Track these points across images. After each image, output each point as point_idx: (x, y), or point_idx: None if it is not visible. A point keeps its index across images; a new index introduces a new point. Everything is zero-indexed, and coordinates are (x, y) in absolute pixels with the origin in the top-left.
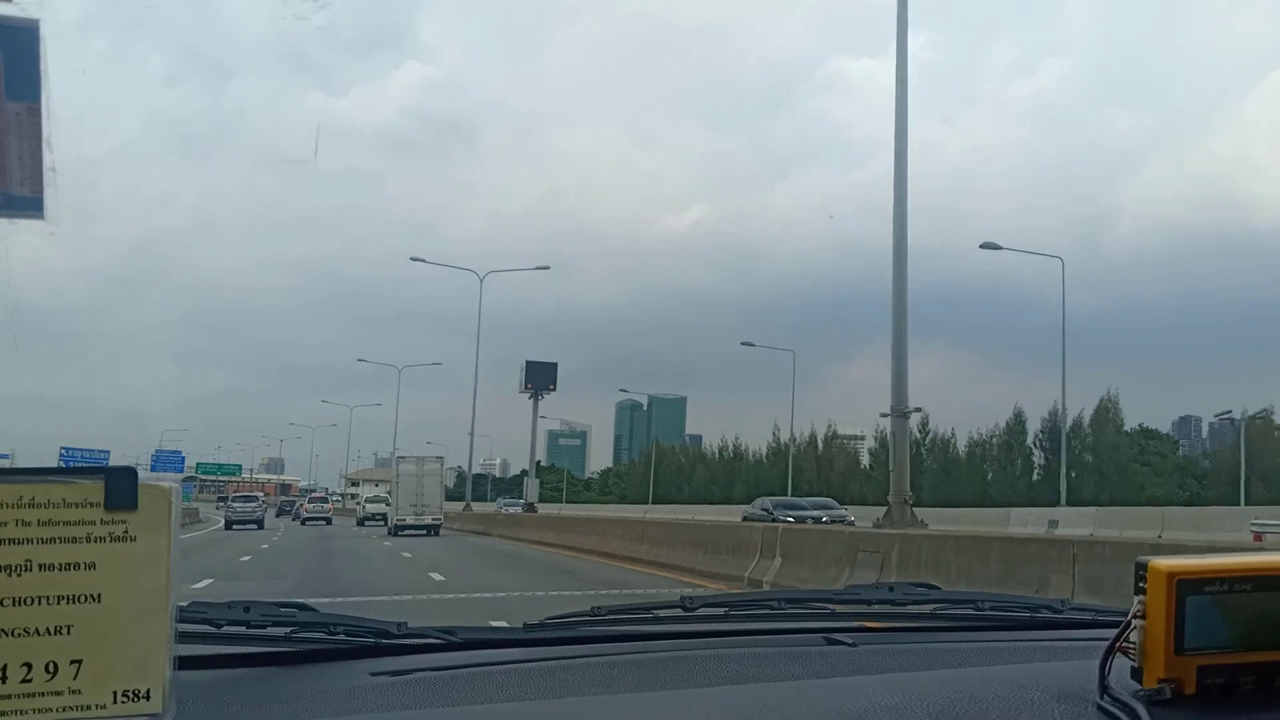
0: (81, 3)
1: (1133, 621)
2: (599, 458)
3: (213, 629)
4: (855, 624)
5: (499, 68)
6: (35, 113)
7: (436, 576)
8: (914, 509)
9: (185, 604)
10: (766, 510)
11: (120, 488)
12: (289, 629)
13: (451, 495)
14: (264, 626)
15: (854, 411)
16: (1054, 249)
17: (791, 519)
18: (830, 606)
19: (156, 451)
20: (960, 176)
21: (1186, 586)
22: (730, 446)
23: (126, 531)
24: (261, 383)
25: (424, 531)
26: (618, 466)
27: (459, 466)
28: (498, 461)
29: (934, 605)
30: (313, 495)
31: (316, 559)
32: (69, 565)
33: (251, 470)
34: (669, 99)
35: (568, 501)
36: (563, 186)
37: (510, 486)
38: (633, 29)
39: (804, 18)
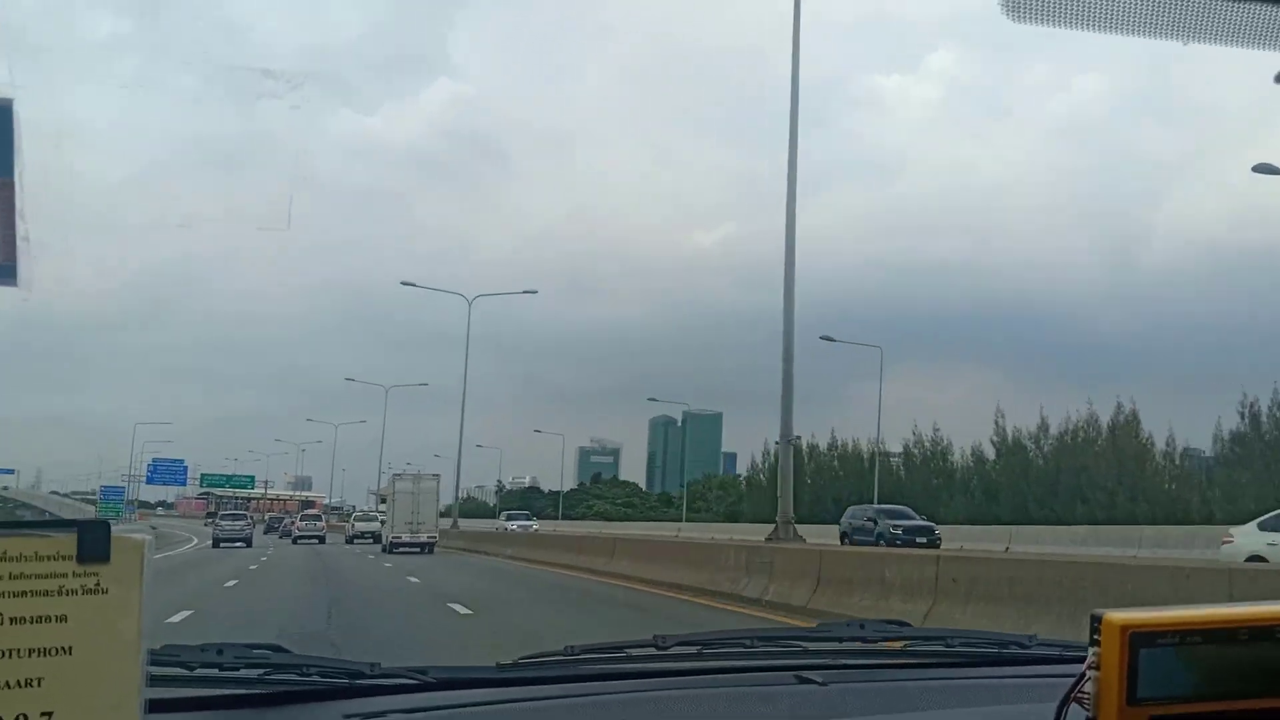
0: (113, 24)
1: (1087, 672)
2: (632, 476)
3: (185, 672)
4: (826, 661)
5: (529, 87)
6: (8, 187)
7: (459, 609)
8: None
9: (158, 647)
10: (871, 521)
11: (93, 540)
12: (262, 670)
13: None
14: (237, 669)
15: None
16: (1087, 267)
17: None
18: (802, 644)
19: (154, 460)
20: (993, 193)
21: (1140, 639)
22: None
23: (98, 584)
24: (285, 405)
25: (418, 549)
26: (720, 477)
27: (498, 482)
28: (526, 479)
29: (905, 642)
30: (305, 512)
31: (306, 592)
32: (40, 618)
33: (266, 483)
34: (697, 117)
35: (646, 519)
36: (591, 205)
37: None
38: (661, 47)
39: (834, 34)
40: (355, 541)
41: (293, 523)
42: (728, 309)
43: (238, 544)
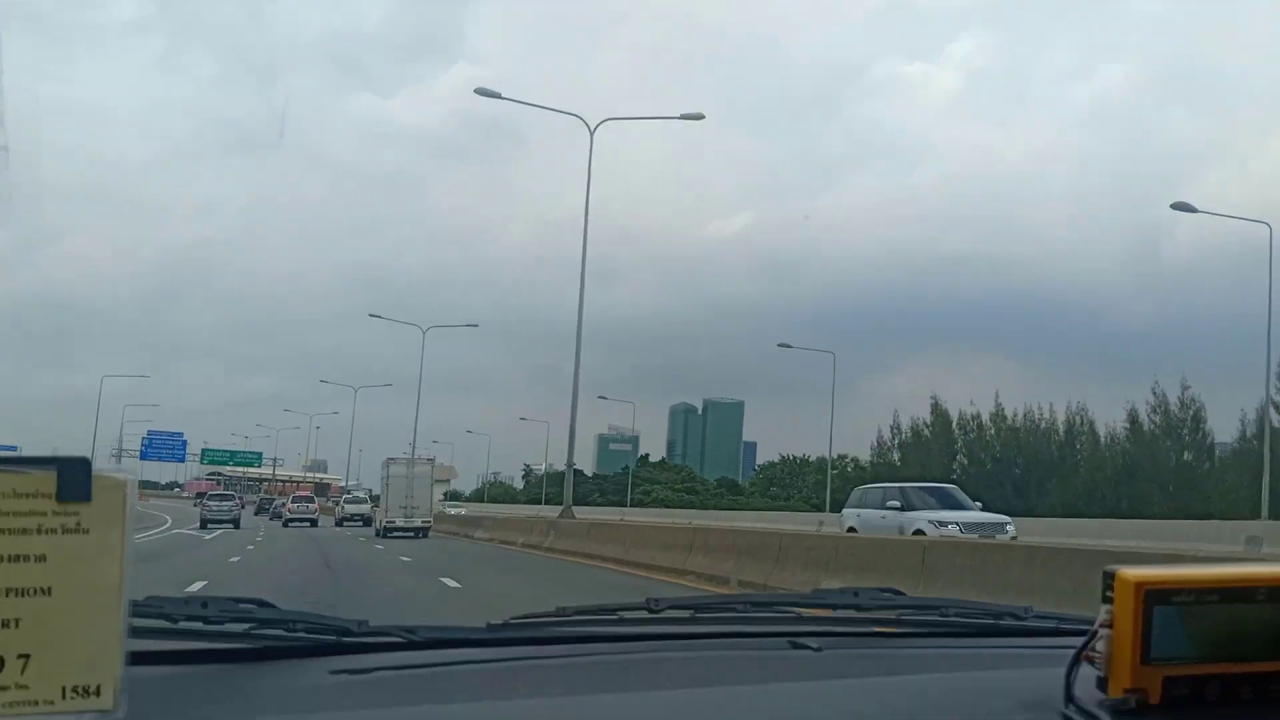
0: (138, 6)
1: (1099, 630)
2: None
3: (169, 624)
4: (820, 628)
5: (547, 71)
6: None
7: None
8: None
9: (140, 598)
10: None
11: (73, 479)
12: (248, 625)
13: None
14: (222, 623)
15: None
16: (1110, 255)
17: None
18: (795, 610)
19: (150, 433)
20: (1016, 181)
21: (1154, 597)
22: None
23: (79, 524)
24: (304, 389)
25: (412, 534)
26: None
27: (525, 467)
28: (542, 466)
29: (899, 610)
30: (297, 494)
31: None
32: (17, 557)
33: (275, 460)
34: (717, 103)
35: (720, 507)
36: (609, 192)
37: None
38: (680, 33)
39: (854, 20)
40: (345, 524)
41: (284, 504)
42: (745, 298)
43: (225, 524)
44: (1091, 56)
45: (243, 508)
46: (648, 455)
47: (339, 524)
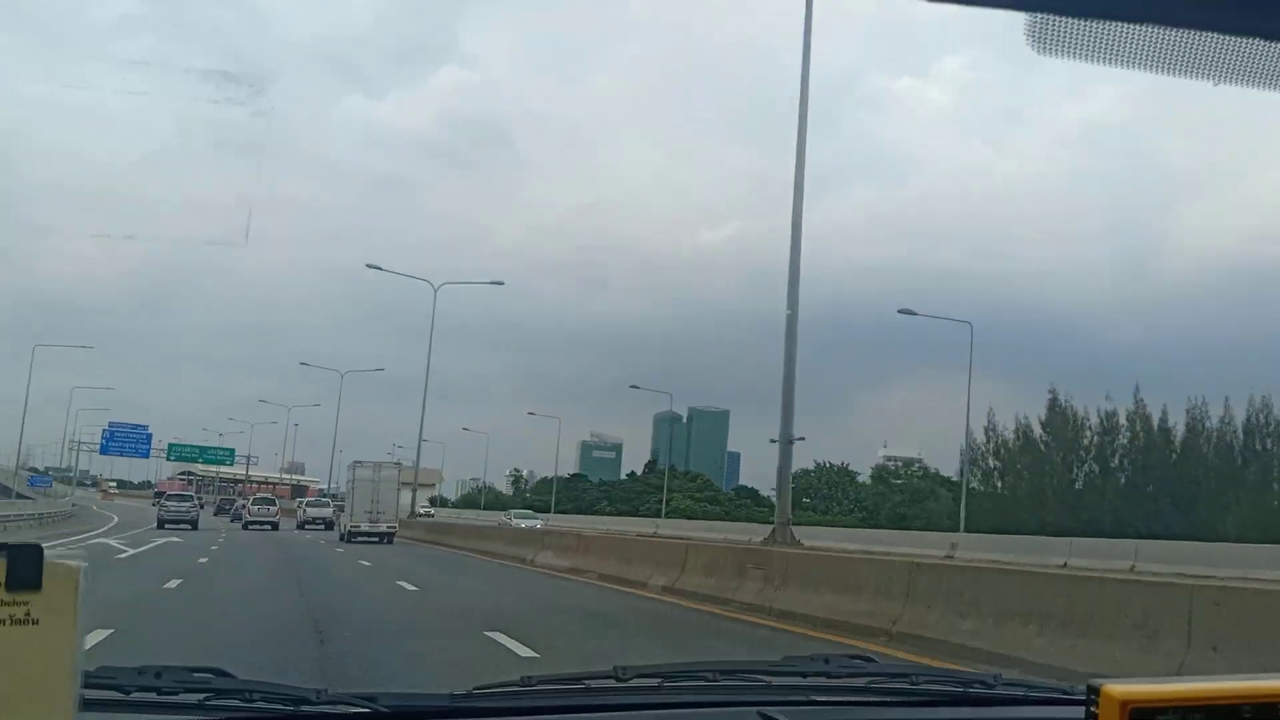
0: (128, 4)
1: None
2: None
3: (120, 695)
4: (789, 697)
5: (540, 77)
6: None
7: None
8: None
9: (91, 669)
10: None
11: (23, 566)
12: (203, 695)
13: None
14: (175, 693)
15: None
16: (1100, 277)
17: None
18: (765, 679)
19: (110, 425)
20: (1006, 199)
21: (1140, 715)
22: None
23: (28, 614)
24: (291, 391)
25: (377, 539)
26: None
27: (513, 471)
28: (525, 473)
29: (869, 678)
30: (258, 495)
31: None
32: None
33: (249, 459)
34: (706, 113)
35: (746, 519)
36: (600, 199)
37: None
38: (673, 42)
39: (846, 35)
40: (306, 527)
41: (244, 506)
42: (733, 308)
43: (183, 525)
44: (1084, 76)
45: (201, 509)
46: (655, 461)
47: (300, 527)
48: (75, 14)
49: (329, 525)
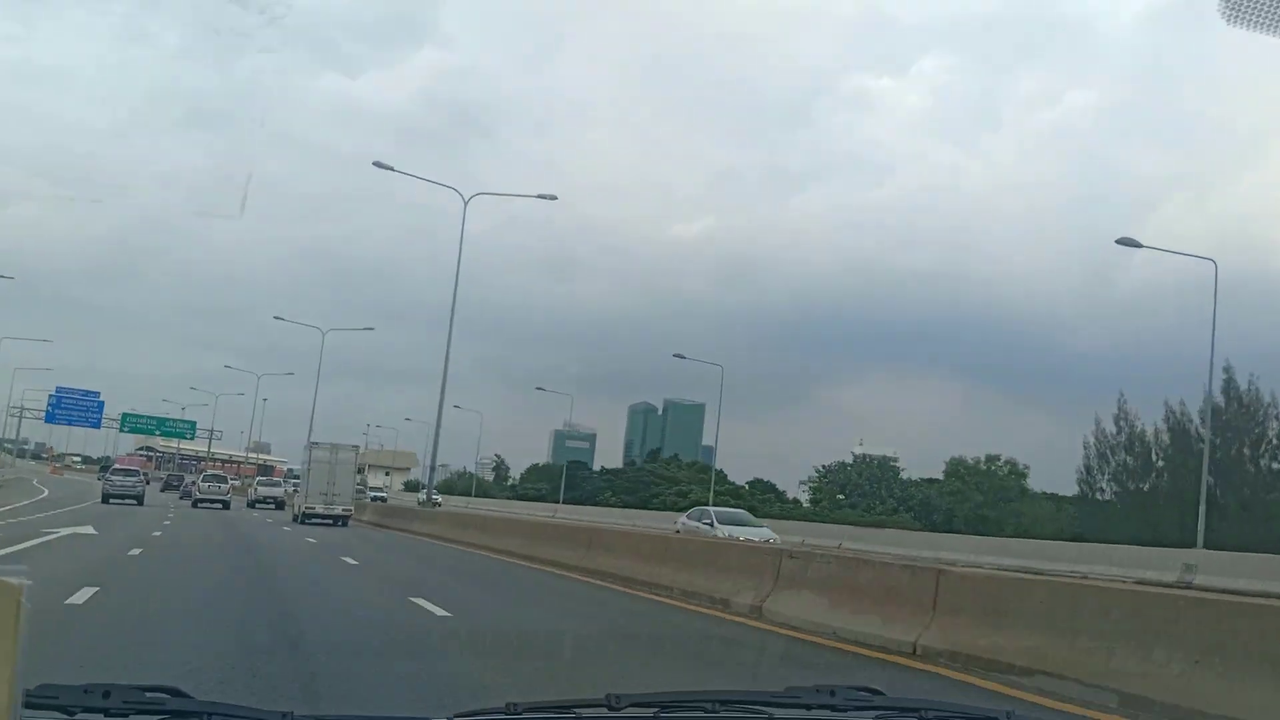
0: None
1: None
2: (608, 464)
3: (64, 717)
4: None
5: (518, 62)
6: None
7: None
8: None
9: (32, 687)
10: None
11: None
12: (156, 718)
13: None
14: (125, 715)
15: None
16: (1067, 281)
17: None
18: (767, 710)
19: (58, 390)
20: (978, 201)
21: None
22: None
23: None
24: (260, 369)
25: (331, 522)
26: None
27: (495, 457)
28: (494, 460)
29: (876, 713)
30: (209, 473)
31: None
32: None
33: (212, 433)
34: (682, 105)
35: (781, 516)
36: (574, 186)
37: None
38: (652, 31)
39: (828, 33)
40: (257, 506)
41: (194, 483)
42: (704, 303)
43: (128, 500)
44: (1058, 83)
45: (148, 483)
46: (659, 450)
47: (250, 505)
48: None
49: (279, 504)
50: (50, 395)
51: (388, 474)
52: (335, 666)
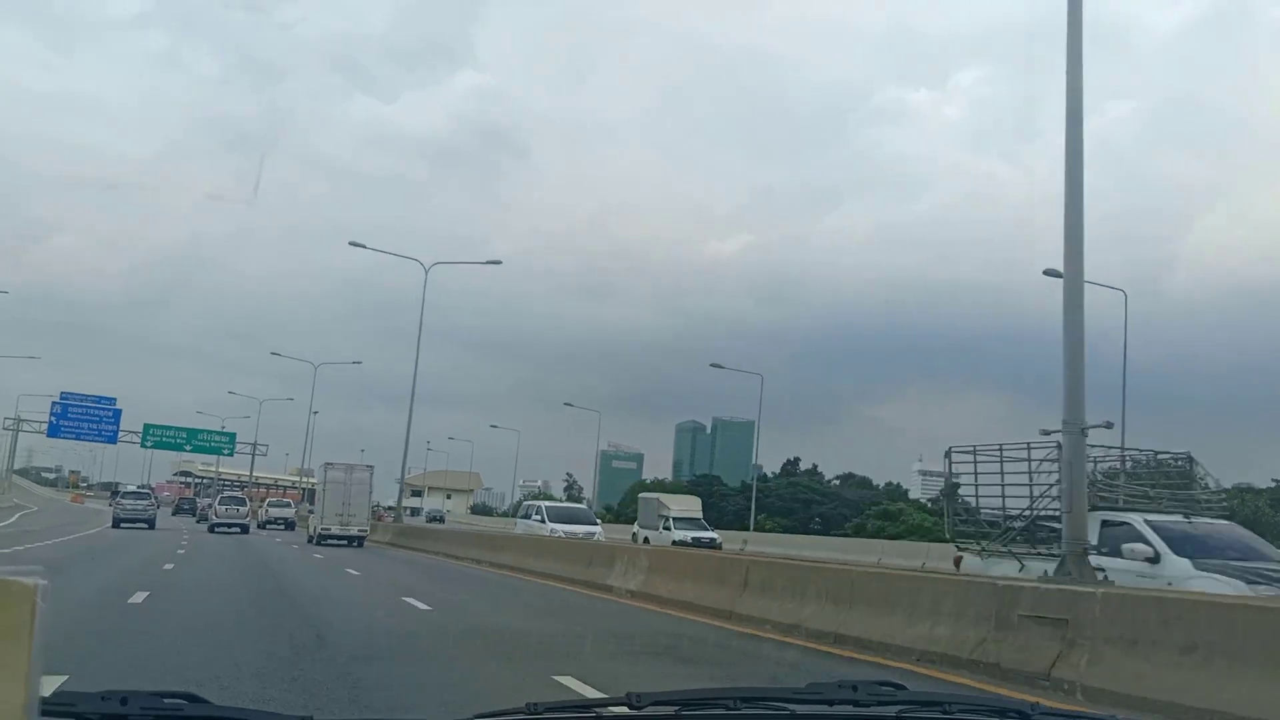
0: (140, 1)
1: None
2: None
3: None
4: None
5: (550, 84)
6: None
7: None
8: None
9: (48, 694)
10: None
11: None
12: None
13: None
14: None
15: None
16: (1112, 292)
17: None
18: (790, 707)
19: (64, 397)
20: (1019, 212)
21: None
22: None
23: None
24: (294, 393)
25: (346, 543)
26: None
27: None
28: (539, 484)
29: (899, 707)
30: (225, 494)
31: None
32: None
33: (255, 448)
34: (716, 123)
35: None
36: (607, 206)
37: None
38: (684, 51)
39: (859, 47)
40: (267, 527)
41: (209, 507)
42: (741, 320)
43: (140, 524)
44: (1097, 93)
45: (158, 508)
46: (761, 466)
47: (261, 526)
48: (88, 9)
49: (289, 525)
50: (54, 403)
51: (448, 496)
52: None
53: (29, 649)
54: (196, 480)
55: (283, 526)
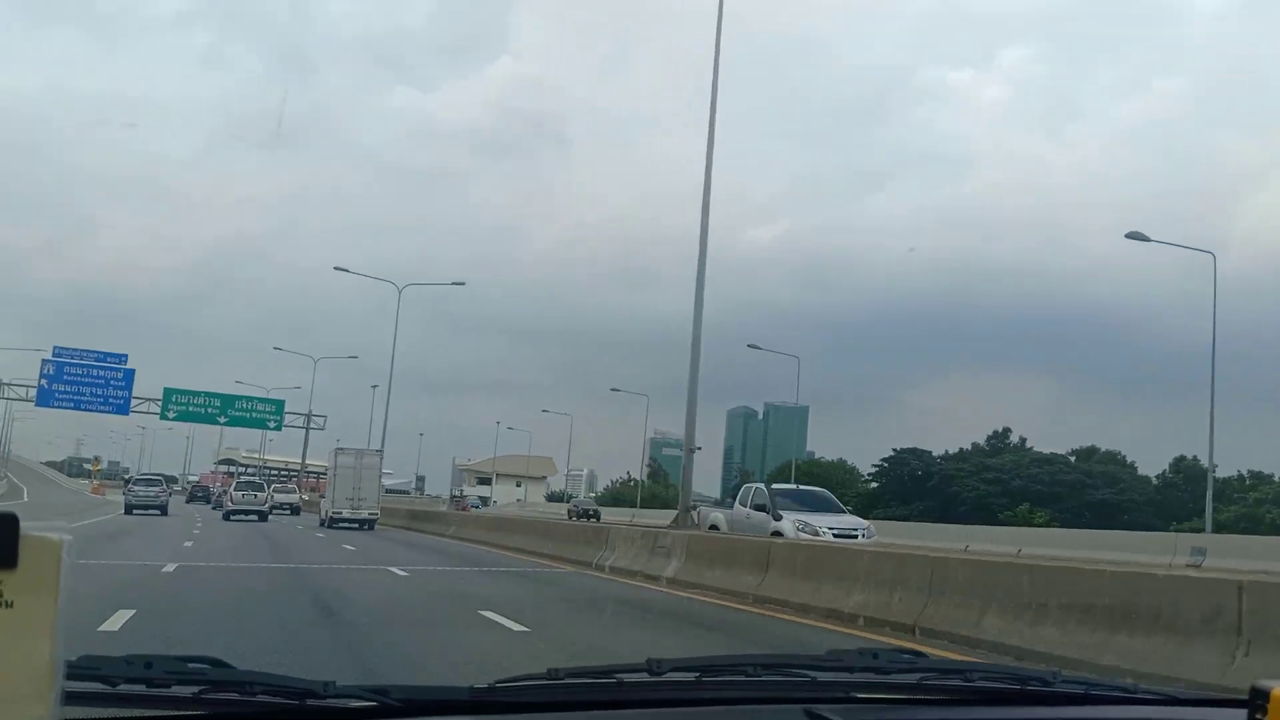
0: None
1: None
2: (708, 472)
3: (107, 688)
4: (837, 694)
5: (591, 71)
6: None
7: None
8: None
9: (74, 658)
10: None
11: None
12: (198, 688)
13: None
14: (168, 685)
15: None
16: (1160, 273)
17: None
18: (810, 674)
19: (56, 350)
20: (1066, 193)
21: None
22: None
23: (1, 595)
24: (344, 387)
25: (358, 526)
26: None
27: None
28: (584, 472)
29: (920, 675)
30: (242, 479)
31: None
32: None
33: (309, 420)
34: (757, 107)
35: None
36: (650, 193)
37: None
38: (726, 36)
39: (902, 26)
40: (274, 512)
41: (224, 493)
42: (784, 305)
43: (152, 511)
44: (1145, 70)
45: (169, 494)
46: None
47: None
48: (130, 9)
49: (294, 510)
50: (44, 362)
51: (519, 484)
52: None
53: (55, 603)
54: (240, 470)
55: (288, 512)
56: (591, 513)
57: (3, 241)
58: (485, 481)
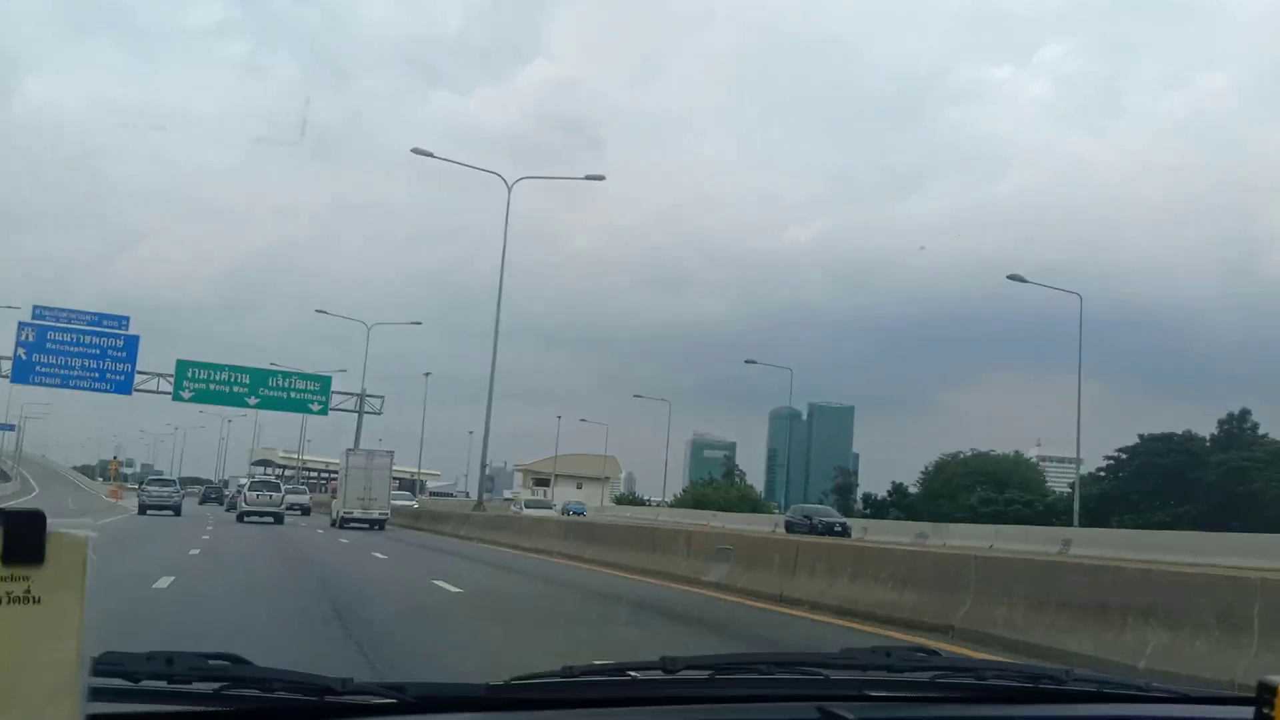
0: (223, 11)
1: None
2: (750, 475)
3: (129, 684)
4: (850, 692)
5: (626, 75)
6: None
7: None
8: None
9: (97, 654)
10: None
11: (22, 538)
12: (218, 685)
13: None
14: (189, 681)
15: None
16: (1201, 270)
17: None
18: (823, 673)
19: (36, 311)
20: (1108, 190)
21: None
22: None
23: (29, 592)
24: (382, 392)
25: (368, 526)
26: None
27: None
28: (624, 474)
29: (933, 673)
30: (257, 479)
31: None
32: None
33: (361, 400)
34: (790, 109)
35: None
36: (685, 197)
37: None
38: (758, 38)
39: (939, 24)
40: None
41: (238, 494)
42: (820, 307)
43: (165, 511)
44: (1188, 65)
45: (183, 495)
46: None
47: None
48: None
49: (305, 511)
50: (21, 325)
51: (579, 486)
52: None
53: (81, 599)
54: (278, 471)
55: (299, 513)
56: (838, 528)
57: (50, 254)
58: (543, 483)
